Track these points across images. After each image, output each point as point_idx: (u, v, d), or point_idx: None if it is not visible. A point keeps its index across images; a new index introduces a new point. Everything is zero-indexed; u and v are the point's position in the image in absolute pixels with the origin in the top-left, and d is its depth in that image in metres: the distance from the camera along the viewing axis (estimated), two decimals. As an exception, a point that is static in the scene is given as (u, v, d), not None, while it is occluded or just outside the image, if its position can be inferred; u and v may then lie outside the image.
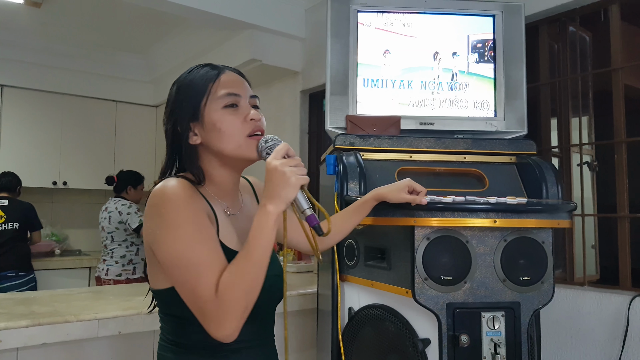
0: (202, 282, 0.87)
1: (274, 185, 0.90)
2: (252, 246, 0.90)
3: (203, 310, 0.87)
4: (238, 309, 0.87)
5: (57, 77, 4.17)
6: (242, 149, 1.00)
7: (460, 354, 1.33)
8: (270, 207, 0.90)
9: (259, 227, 0.90)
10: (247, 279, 0.88)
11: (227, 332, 0.86)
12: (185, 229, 0.90)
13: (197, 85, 1.02)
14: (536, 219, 1.36)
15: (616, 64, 2.10)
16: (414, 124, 1.81)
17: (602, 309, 1.99)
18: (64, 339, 1.65)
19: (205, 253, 0.90)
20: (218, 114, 1.00)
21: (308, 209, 0.94)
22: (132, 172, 3.64)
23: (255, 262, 0.89)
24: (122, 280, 3.30)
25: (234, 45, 3.38)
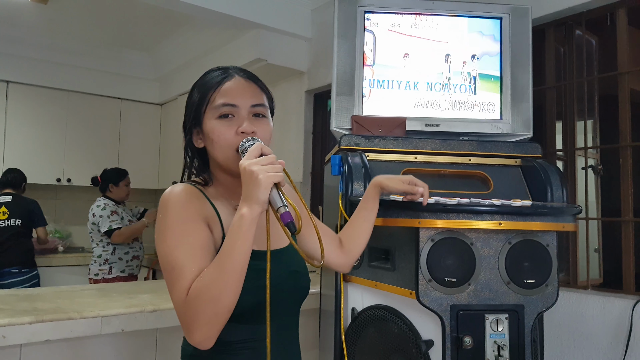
0: (176, 286, 0.88)
1: (246, 187, 0.89)
2: (225, 251, 0.88)
3: (177, 314, 0.89)
4: (204, 317, 0.85)
5: (62, 74, 4.18)
6: (229, 162, 1.01)
7: (464, 356, 1.33)
8: (244, 209, 0.88)
9: (232, 231, 0.88)
10: (216, 285, 0.85)
11: (196, 339, 0.86)
12: (172, 233, 0.93)
13: (201, 92, 1.04)
14: (541, 222, 1.36)
15: (622, 68, 2.10)
16: (419, 126, 1.81)
17: (606, 312, 1.99)
18: (67, 336, 1.65)
19: (183, 257, 0.90)
20: (212, 123, 1.01)
21: (282, 207, 0.90)
22: (114, 170, 3.57)
23: (226, 268, 0.86)
24: (99, 279, 3.28)
25: (240, 45, 3.39)
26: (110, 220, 3.28)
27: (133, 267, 3.41)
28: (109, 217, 3.30)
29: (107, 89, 4.41)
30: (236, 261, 0.87)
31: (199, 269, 0.89)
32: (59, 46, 4.16)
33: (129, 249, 3.38)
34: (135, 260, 3.43)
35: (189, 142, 1.07)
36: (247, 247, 0.88)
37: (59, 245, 4.09)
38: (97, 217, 3.31)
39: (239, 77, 1.06)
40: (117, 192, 3.47)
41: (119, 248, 3.33)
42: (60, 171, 4.16)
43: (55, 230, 4.23)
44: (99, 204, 3.38)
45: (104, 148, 4.36)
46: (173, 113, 4.44)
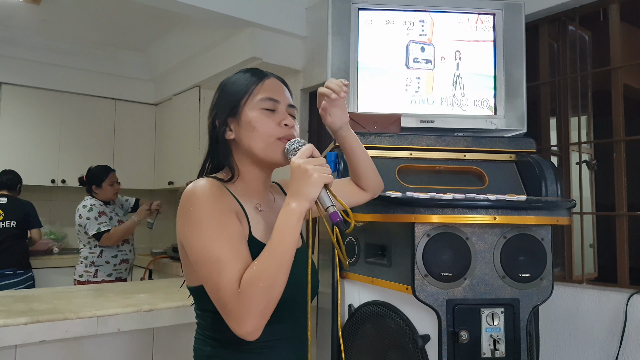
0: (224, 278, 0.88)
1: (297, 183, 0.93)
2: (275, 243, 0.91)
3: (225, 306, 0.88)
4: (258, 306, 0.87)
5: (56, 74, 4.16)
6: (269, 149, 1.04)
7: (460, 350, 1.33)
8: (294, 204, 0.92)
9: (281, 225, 0.92)
10: (268, 276, 0.88)
11: (247, 329, 0.87)
12: (208, 226, 0.92)
13: (240, 85, 1.07)
14: (535, 216, 1.36)
15: (615, 63, 2.11)
16: (414, 122, 1.81)
17: (601, 306, 2.00)
18: (63, 337, 1.65)
19: (227, 249, 0.91)
20: (255, 113, 1.04)
21: (331, 206, 0.95)
22: (98, 168, 3.33)
23: (277, 260, 0.89)
24: (83, 281, 3.14)
25: (234, 44, 3.38)
26: (98, 223, 3.11)
27: (121, 270, 3.26)
28: (97, 219, 3.12)
29: (101, 89, 4.39)
30: (287, 252, 0.90)
31: (244, 260, 0.91)
32: (52, 47, 4.14)
33: (117, 252, 3.23)
34: (124, 264, 3.28)
35: (222, 133, 1.06)
36: (295, 240, 0.91)
37: (54, 247, 4.07)
38: (83, 219, 3.13)
39: (275, 79, 1.11)
40: (101, 193, 3.27)
41: (107, 251, 3.18)
42: (54, 172, 4.14)
43: (50, 231, 4.21)
44: (85, 205, 3.20)
45: (99, 149, 4.34)
46: (168, 113, 4.43)
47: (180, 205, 0.97)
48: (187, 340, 1.95)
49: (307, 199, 0.92)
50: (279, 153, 1.05)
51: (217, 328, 0.99)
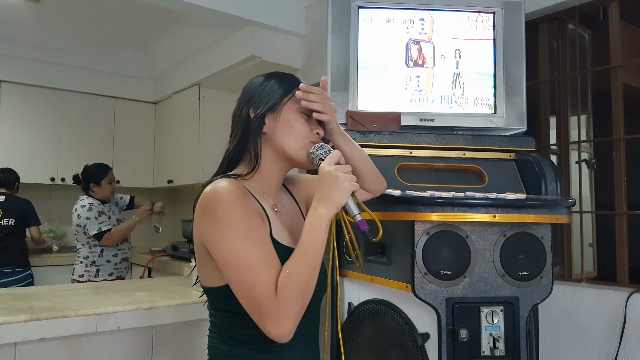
0: (260, 281, 0.90)
1: (328, 189, 0.95)
2: (307, 247, 0.93)
3: (261, 309, 0.89)
4: (295, 309, 0.90)
5: (55, 73, 4.15)
6: (302, 151, 1.07)
7: (460, 348, 1.34)
8: (323, 210, 0.94)
9: (312, 229, 0.93)
10: (303, 279, 0.91)
11: (284, 332, 0.89)
12: (239, 228, 0.93)
13: (284, 83, 1.10)
14: (535, 214, 1.37)
15: (615, 61, 2.11)
16: (414, 120, 1.81)
17: (600, 305, 2.00)
18: (62, 334, 1.65)
19: (260, 253, 0.93)
20: (295, 114, 1.07)
21: (358, 214, 0.97)
22: (95, 166, 3.26)
23: (310, 263, 0.92)
24: (83, 281, 3.08)
25: (234, 42, 3.38)
26: (99, 222, 3.06)
27: (122, 269, 3.23)
28: (97, 219, 3.06)
29: (100, 87, 4.37)
30: (319, 256, 0.93)
31: (276, 263, 0.93)
32: (51, 45, 4.13)
33: (117, 251, 3.19)
34: (124, 263, 3.25)
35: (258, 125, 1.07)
36: (324, 243, 0.94)
37: (54, 245, 4.07)
38: (82, 218, 3.07)
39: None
40: (100, 191, 3.21)
41: (107, 250, 3.15)
42: (54, 171, 4.13)
43: (49, 229, 4.20)
44: (83, 204, 3.13)
45: (99, 147, 4.33)
46: (167, 111, 4.42)
47: (203, 206, 0.97)
48: (187, 338, 1.95)
49: (336, 206, 0.95)
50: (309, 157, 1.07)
51: (234, 327, 1.00)
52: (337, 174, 0.95)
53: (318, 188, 0.97)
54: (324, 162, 0.99)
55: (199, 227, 0.98)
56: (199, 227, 0.98)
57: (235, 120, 1.12)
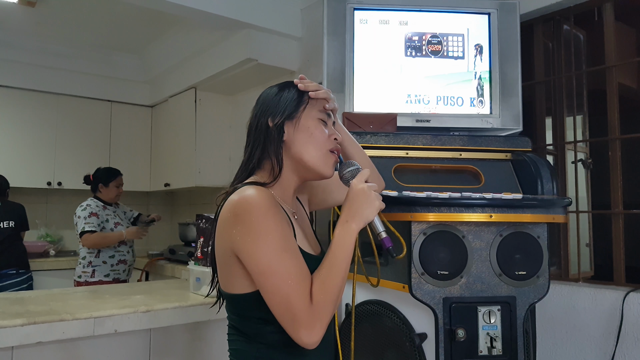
0: (296, 292, 0.92)
1: (359, 205, 1.00)
2: (337, 259, 0.97)
3: (295, 318, 0.92)
4: (328, 317, 0.94)
5: (51, 77, 4.14)
6: (321, 159, 1.09)
7: (457, 348, 1.34)
8: (353, 224, 0.99)
9: (342, 242, 0.98)
10: (336, 290, 0.95)
11: (316, 339, 0.92)
12: (275, 238, 0.95)
13: (298, 92, 1.11)
14: (531, 214, 1.37)
15: (610, 61, 2.12)
16: (410, 121, 1.82)
17: (597, 304, 2.01)
18: (59, 338, 1.64)
19: (295, 263, 0.95)
20: (314, 122, 1.09)
21: (383, 231, 1.02)
22: (106, 170, 3.43)
23: (340, 274, 0.96)
24: (81, 282, 3.13)
25: (230, 45, 3.38)
26: (85, 222, 3.13)
27: (119, 271, 3.26)
28: (86, 219, 3.14)
29: (97, 91, 4.37)
30: (347, 268, 0.97)
31: (309, 273, 0.97)
32: (47, 49, 4.12)
33: (114, 253, 3.23)
34: (122, 265, 3.27)
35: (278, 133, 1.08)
36: (351, 255, 0.99)
37: (51, 249, 4.05)
38: (76, 217, 3.19)
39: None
40: (106, 192, 3.34)
41: (104, 251, 3.19)
42: (50, 175, 4.12)
43: (46, 234, 4.19)
44: (82, 205, 3.25)
45: (95, 151, 4.32)
46: (164, 115, 4.42)
47: (235, 214, 0.97)
48: (185, 341, 1.95)
49: (365, 221, 1.00)
50: (330, 165, 1.10)
51: (263, 333, 1.01)
52: (369, 192, 1.00)
53: (348, 203, 1.01)
54: (355, 179, 1.04)
55: (229, 234, 0.98)
56: (228, 234, 0.98)
57: (252, 130, 1.12)
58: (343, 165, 1.09)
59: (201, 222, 2.22)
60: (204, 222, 2.21)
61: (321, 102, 1.12)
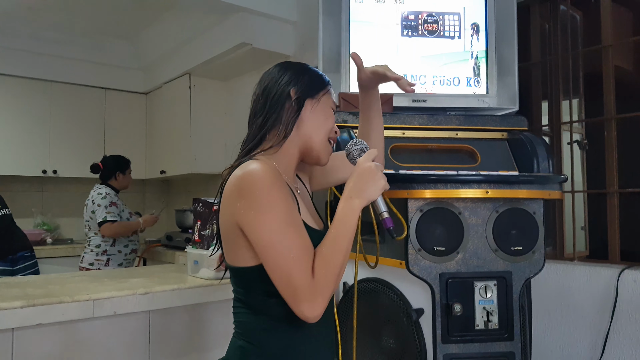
0: (298, 266, 0.93)
1: (364, 183, 1.00)
2: (339, 235, 0.97)
3: (297, 291, 0.93)
4: (330, 291, 0.94)
5: (43, 64, 4.09)
6: (324, 145, 1.13)
7: (454, 322, 1.35)
8: (357, 201, 0.99)
9: (344, 218, 0.98)
10: (337, 265, 0.95)
11: (317, 313, 0.93)
12: (279, 212, 0.96)
13: (322, 78, 1.15)
14: (527, 190, 1.38)
15: (606, 41, 2.12)
16: (406, 102, 1.82)
17: (592, 283, 2.03)
18: (59, 320, 1.64)
19: (298, 238, 0.96)
20: (329, 110, 1.14)
21: (385, 212, 1.02)
22: (118, 157, 3.46)
23: (342, 250, 0.96)
24: (93, 269, 3.13)
25: (224, 29, 3.35)
26: (106, 212, 3.14)
27: (130, 260, 3.33)
28: (107, 208, 3.15)
29: (90, 78, 4.33)
30: (350, 244, 0.97)
31: (312, 248, 0.97)
32: (39, 35, 4.07)
33: (128, 242, 3.29)
34: (133, 254, 3.35)
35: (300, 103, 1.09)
36: (354, 231, 0.98)
37: (47, 237, 4.05)
38: (96, 205, 3.17)
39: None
40: (123, 180, 3.37)
41: (119, 241, 3.23)
42: (45, 163, 4.10)
43: (42, 222, 4.18)
44: (100, 192, 3.23)
45: (90, 138, 4.29)
46: (158, 102, 4.39)
47: (239, 187, 0.98)
48: (183, 323, 1.96)
49: (368, 200, 1.00)
50: (328, 153, 1.14)
51: (269, 305, 1.02)
52: (377, 170, 1.01)
53: (354, 180, 1.01)
54: (362, 157, 1.04)
55: (233, 207, 0.99)
56: (233, 208, 0.99)
57: (271, 96, 1.11)
58: (351, 143, 1.10)
59: (198, 206, 2.22)
60: (201, 205, 2.21)
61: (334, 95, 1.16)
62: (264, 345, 1.02)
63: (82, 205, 3.67)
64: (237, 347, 1.05)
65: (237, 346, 1.05)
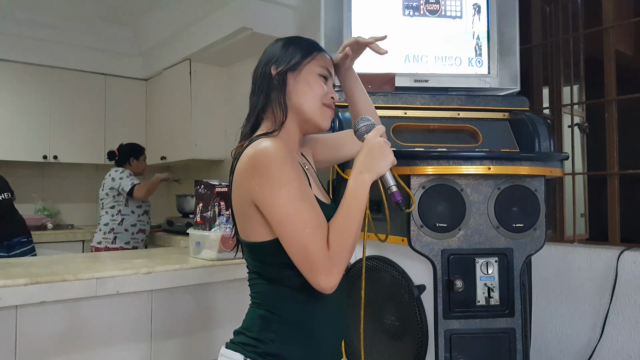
0: (313, 239, 0.96)
1: (374, 158, 1.02)
2: (351, 207, 0.99)
3: (313, 264, 0.95)
4: (345, 263, 0.98)
5: (43, 49, 4.08)
6: (317, 112, 1.13)
7: (455, 298, 1.36)
8: (367, 175, 1.01)
9: (355, 191, 1.00)
10: (350, 237, 0.98)
11: (333, 284, 0.96)
12: (294, 187, 0.98)
13: (305, 46, 1.15)
14: (529, 167, 1.38)
15: (607, 23, 2.12)
16: (408, 82, 1.81)
17: (592, 264, 2.04)
18: (62, 298, 1.66)
19: (312, 211, 0.98)
20: (314, 76, 1.13)
21: (394, 185, 1.05)
22: (133, 144, 3.67)
23: (355, 222, 0.99)
24: (101, 248, 3.28)
25: (224, 14, 3.34)
26: (129, 180, 3.34)
27: (138, 240, 3.44)
28: (129, 177, 3.37)
29: (90, 64, 4.31)
30: (361, 216, 1.00)
31: (325, 221, 0.99)
32: (38, 21, 4.05)
33: (136, 222, 3.42)
34: (141, 234, 3.46)
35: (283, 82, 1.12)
36: (365, 204, 1.01)
37: (48, 223, 4.06)
38: (117, 180, 3.34)
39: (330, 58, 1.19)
40: (137, 165, 3.56)
41: (127, 219, 3.36)
42: (46, 148, 4.10)
43: (43, 207, 4.18)
44: (117, 170, 3.43)
45: (90, 124, 4.29)
46: (158, 88, 4.38)
47: (252, 165, 1.00)
48: (185, 303, 1.97)
49: (378, 174, 1.03)
50: (326, 118, 1.13)
51: (286, 277, 1.05)
52: (386, 145, 1.04)
53: (363, 154, 1.03)
54: (371, 132, 1.07)
55: (248, 184, 1.01)
56: (248, 185, 1.01)
57: (256, 79, 1.16)
58: (358, 120, 1.12)
59: (200, 188, 2.22)
60: (202, 187, 2.22)
61: (323, 60, 1.15)
62: (284, 313, 1.05)
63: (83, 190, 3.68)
64: (258, 316, 1.07)
65: (258, 315, 1.07)
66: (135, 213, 3.42)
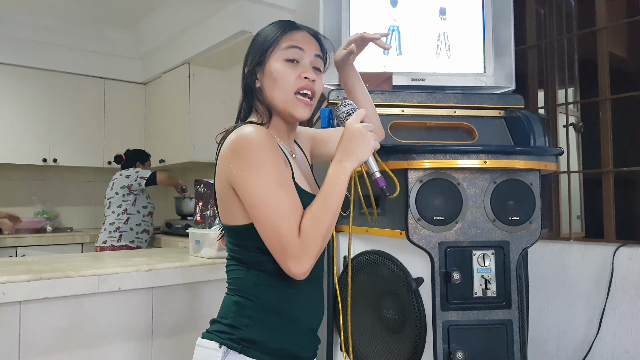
0: (286, 224, 0.96)
1: (354, 145, 1.01)
2: (329, 195, 0.99)
3: (285, 249, 0.96)
4: (316, 250, 0.97)
5: (43, 53, 4.11)
6: (287, 104, 1.09)
7: (453, 290, 1.39)
8: (347, 163, 1.01)
9: (335, 179, 1.00)
10: (325, 224, 0.98)
11: (304, 270, 0.97)
12: (270, 173, 0.98)
13: (269, 34, 1.11)
14: (524, 160, 1.41)
15: (601, 24, 2.15)
16: (405, 80, 1.85)
17: (587, 261, 2.06)
18: (65, 294, 1.67)
19: (287, 198, 0.99)
20: (278, 64, 1.08)
21: (377, 171, 1.04)
22: (139, 150, 3.81)
23: (331, 210, 0.99)
24: (106, 247, 3.33)
25: (223, 17, 3.38)
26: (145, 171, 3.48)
27: (142, 240, 3.50)
28: (145, 170, 3.51)
29: (89, 68, 4.35)
30: (339, 204, 1.00)
31: (300, 208, 1.00)
32: (38, 24, 4.09)
33: (141, 221, 3.49)
34: (145, 234, 3.52)
35: (252, 81, 1.12)
36: (344, 193, 1.01)
37: (47, 226, 4.07)
38: (132, 175, 3.45)
39: (304, 31, 1.14)
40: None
41: (132, 218, 3.42)
42: (45, 151, 4.12)
43: (42, 210, 4.20)
44: (127, 169, 3.55)
45: (90, 128, 4.32)
46: (157, 92, 4.41)
47: (233, 149, 1.01)
48: (186, 300, 1.99)
49: (359, 161, 1.02)
50: (300, 107, 1.08)
51: (261, 262, 1.06)
52: (365, 131, 1.02)
53: (343, 142, 1.02)
54: (350, 119, 1.05)
55: (227, 168, 1.02)
56: (227, 168, 1.02)
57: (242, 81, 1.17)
58: (339, 105, 1.10)
59: (200, 187, 2.25)
60: (202, 186, 2.24)
61: (290, 39, 1.10)
62: (259, 298, 1.06)
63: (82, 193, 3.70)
64: (232, 302, 1.08)
65: (232, 302, 1.08)
66: (141, 213, 3.49)
